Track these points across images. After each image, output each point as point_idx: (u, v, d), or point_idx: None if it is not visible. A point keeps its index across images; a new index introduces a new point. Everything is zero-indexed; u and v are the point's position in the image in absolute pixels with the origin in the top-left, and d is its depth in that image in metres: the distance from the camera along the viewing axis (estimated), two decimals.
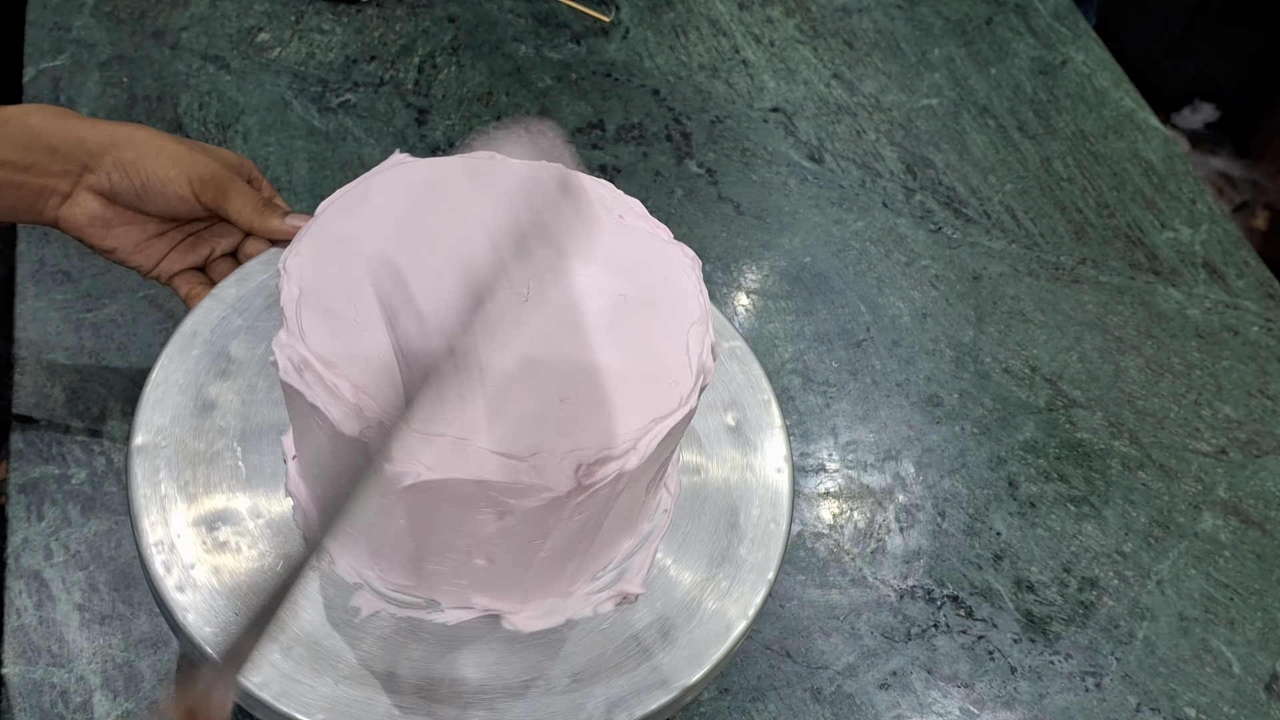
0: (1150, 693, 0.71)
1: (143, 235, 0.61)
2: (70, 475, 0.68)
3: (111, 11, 0.95)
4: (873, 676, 0.69)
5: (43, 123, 0.57)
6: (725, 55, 1.05)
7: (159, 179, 0.57)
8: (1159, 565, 0.77)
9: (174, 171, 0.57)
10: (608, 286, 0.49)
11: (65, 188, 0.58)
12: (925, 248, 0.93)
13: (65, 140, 0.57)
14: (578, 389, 0.45)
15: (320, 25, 0.99)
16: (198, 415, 0.53)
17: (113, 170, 0.58)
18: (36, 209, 0.58)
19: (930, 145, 1.01)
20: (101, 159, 0.57)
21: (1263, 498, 0.82)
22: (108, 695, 0.60)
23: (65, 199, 0.58)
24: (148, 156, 0.57)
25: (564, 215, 0.41)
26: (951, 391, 0.84)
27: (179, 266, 0.63)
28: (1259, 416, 0.87)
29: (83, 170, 0.58)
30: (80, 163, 0.58)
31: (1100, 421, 0.84)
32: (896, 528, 0.76)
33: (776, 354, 0.84)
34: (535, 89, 0.98)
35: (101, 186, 0.58)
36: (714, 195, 0.93)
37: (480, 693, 0.47)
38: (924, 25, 1.12)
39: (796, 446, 0.78)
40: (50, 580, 0.64)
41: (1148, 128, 1.07)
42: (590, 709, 0.47)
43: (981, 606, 0.73)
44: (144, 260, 0.62)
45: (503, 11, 1.04)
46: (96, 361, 0.73)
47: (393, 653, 0.48)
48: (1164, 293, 0.94)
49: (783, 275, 0.89)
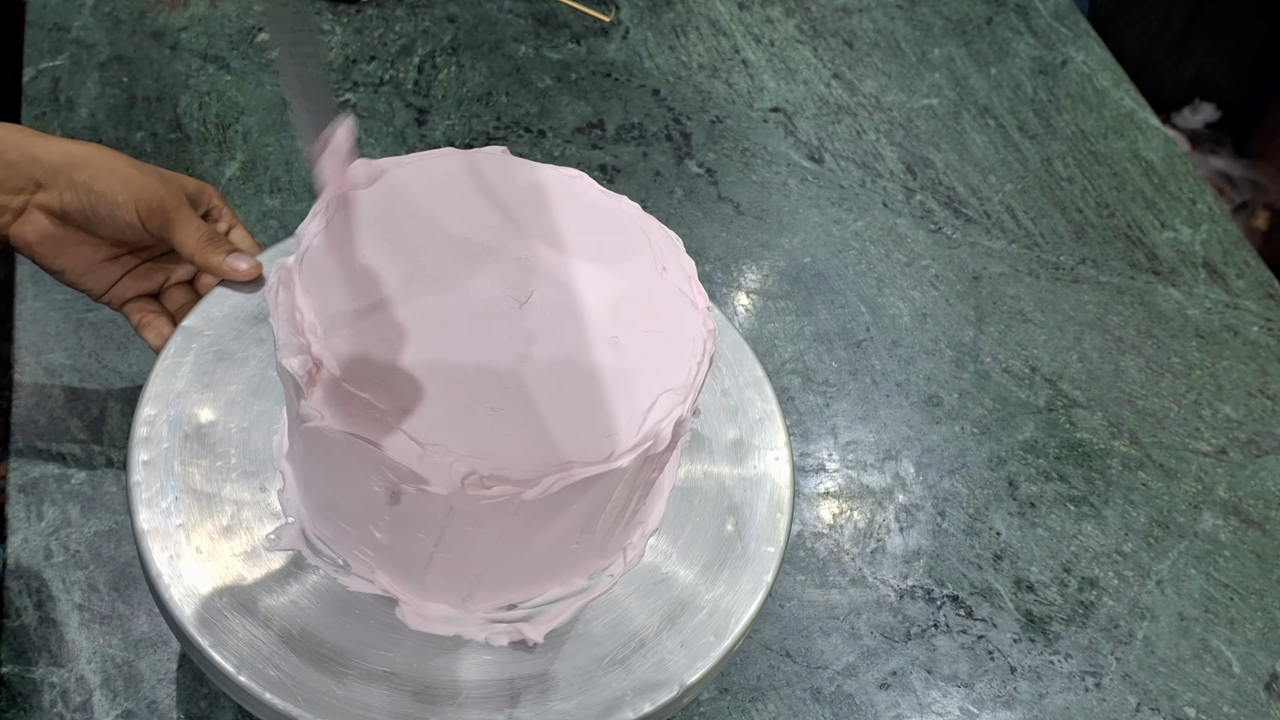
0: (1150, 692, 0.71)
1: (95, 258, 0.60)
2: (70, 475, 0.68)
3: (111, 12, 0.95)
4: (872, 676, 0.69)
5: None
6: (725, 55, 1.05)
7: (107, 202, 0.56)
8: (1159, 565, 0.77)
9: (122, 196, 0.56)
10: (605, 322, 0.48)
11: (17, 205, 0.57)
12: (925, 248, 0.93)
13: (21, 156, 0.56)
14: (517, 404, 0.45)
15: (320, 25, 0.99)
16: (199, 412, 0.53)
17: (65, 190, 0.57)
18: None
19: (930, 145, 1.01)
20: (55, 178, 0.57)
21: (1263, 498, 0.82)
22: (107, 695, 0.60)
23: (17, 215, 0.58)
24: (99, 178, 0.56)
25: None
26: (951, 391, 0.84)
27: (131, 293, 0.62)
28: (1259, 416, 0.87)
29: (36, 187, 0.57)
30: (33, 179, 0.57)
31: (1100, 421, 0.84)
32: (896, 528, 0.76)
33: (776, 354, 0.84)
34: (535, 89, 0.98)
35: (53, 205, 0.57)
36: (714, 195, 0.93)
37: (477, 692, 0.47)
38: (924, 25, 1.12)
39: (796, 446, 0.78)
40: (50, 580, 0.64)
41: (1148, 128, 1.07)
42: (590, 709, 0.47)
43: (981, 606, 0.73)
44: (95, 284, 0.61)
45: (503, 11, 1.04)
46: (96, 361, 0.73)
47: (386, 652, 0.48)
48: (1164, 293, 0.94)
49: (782, 275, 0.89)
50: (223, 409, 0.53)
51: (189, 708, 0.61)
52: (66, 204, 0.57)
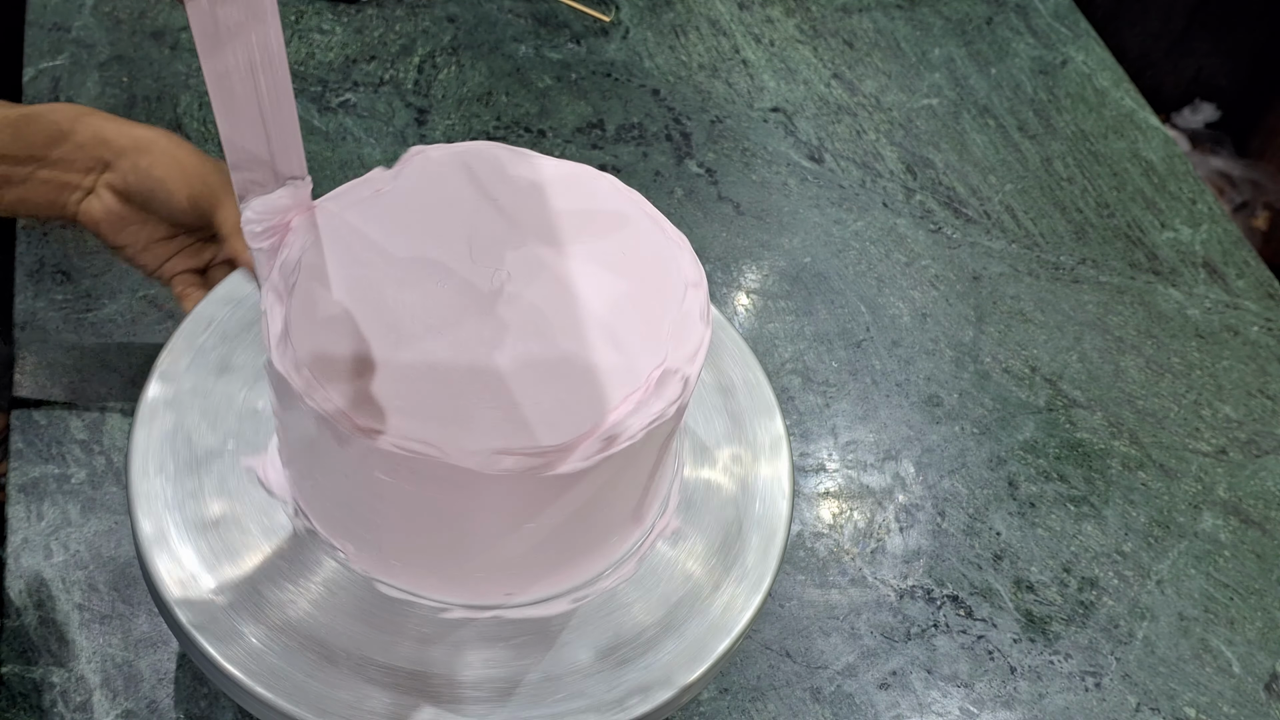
0: (1150, 692, 0.71)
1: (152, 236, 0.63)
2: (70, 475, 0.68)
3: (111, 11, 0.95)
4: (872, 676, 0.69)
5: (69, 118, 0.59)
6: (725, 55, 1.05)
7: (165, 188, 0.59)
8: (1159, 565, 0.77)
9: (178, 183, 0.59)
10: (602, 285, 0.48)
11: (88, 183, 0.60)
12: (925, 248, 0.93)
13: (91, 138, 0.59)
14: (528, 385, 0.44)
15: (320, 25, 0.99)
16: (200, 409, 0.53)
17: (129, 172, 0.59)
18: (59, 203, 0.60)
19: (930, 145, 1.01)
20: (121, 160, 0.59)
21: (1263, 498, 0.82)
22: (107, 695, 0.60)
23: (87, 194, 0.60)
24: (159, 164, 0.59)
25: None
26: (951, 391, 0.84)
27: (180, 268, 0.65)
28: (1259, 416, 0.87)
29: (104, 167, 0.60)
30: (102, 160, 0.60)
31: (1100, 421, 0.84)
32: (896, 528, 0.76)
33: (776, 354, 0.84)
34: (535, 89, 0.98)
35: (118, 185, 0.60)
36: (714, 195, 0.93)
37: (475, 689, 0.47)
38: (924, 25, 1.12)
39: (796, 446, 0.78)
40: (50, 580, 0.64)
41: (1148, 128, 1.07)
42: (589, 708, 0.47)
43: (981, 606, 0.73)
44: (150, 260, 0.64)
45: (503, 11, 1.04)
46: (96, 362, 0.73)
47: (386, 651, 0.48)
48: (1164, 293, 0.94)
49: (782, 275, 0.89)
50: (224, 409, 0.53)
51: (189, 708, 0.61)
52: (130, 185, 0.60)
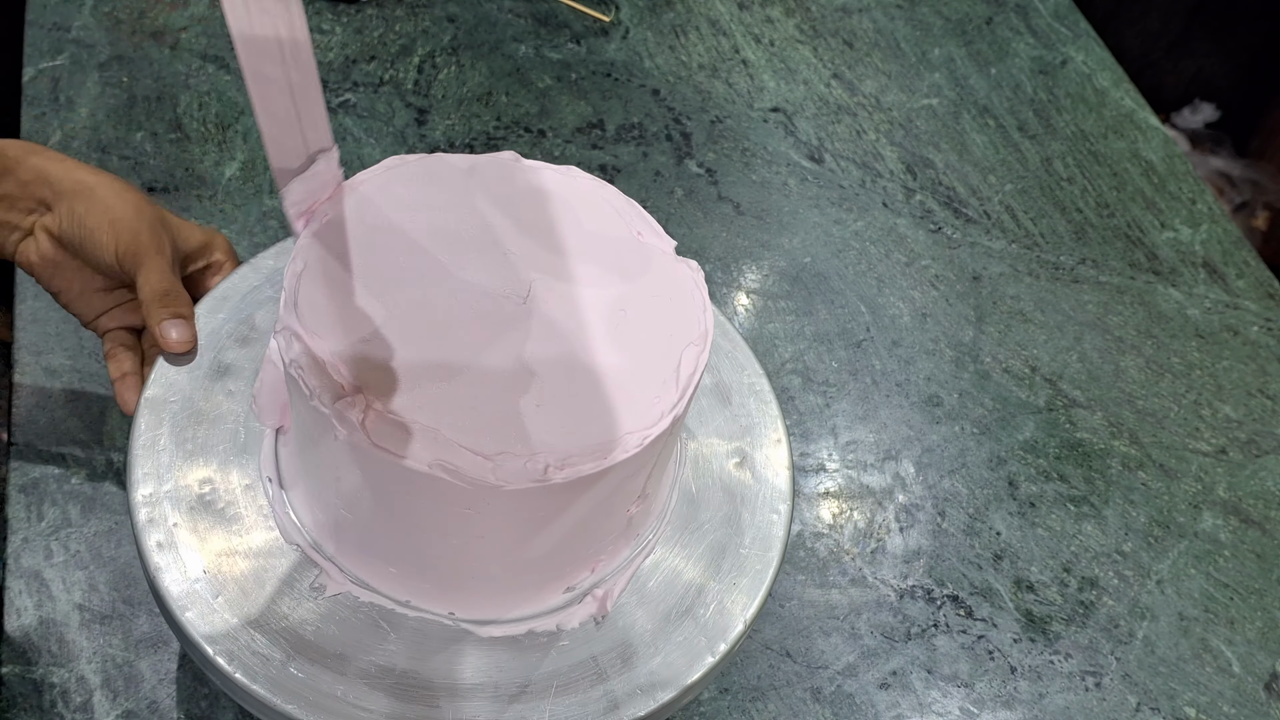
0: (1150, 692, 0.71)
1: (88, 285, 0.60)
2: (70, 475, 0.68)
3: (111, 11, 0.95)
4: (873, 676, 0.69)
5: (15, 156, 0.57)
6: (725, 55, 1.05)
7: (94, 238, 0.56)
8: (1159, 565, 0.77)
9: (106, 235, 0.56)
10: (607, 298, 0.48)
11: (27, 224, 0.58)
12: (925, 248, 0.93)
13: (35, 176, 0.57)
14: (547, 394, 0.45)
15: (320, 25, 0.99)
16: (200, 409, 0.53)
17: (65, 216, 0.57)
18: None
19: (930, 145, 1.01)
20: (59, 201, 0.57)
21: (1263, 498, 0.82)
22: (107, 695, 0.60)
23: (25, 235, 0.58)
24: (92, 213, 0.56)
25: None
26: (951, 391, 0.84)
27: (114, 324, 0.61)
28: (1259, 416, 0.87)
29: (44, 209, 0.57)
30: (43, 200, 0.57)
31: (1100, 421, 0.84)
32: (896, 528, 0.76)
33: (776, 354, 0.84)
34: (535, 89, 0.98)
35: (53, 229, 0.57)
36: (714, 195, 0.93)
37: (477, 692, 0.47)
38: (924, 25, 1.12)
39: (796, 446, 0.78)
40: (50, 580, 0.64)
41: (1148, 128, 1.07)
42: (590, 709, 0.47)
43: (981, 606, 0.73)
44: (84, 309, 0.61)
45: (503, 11, 1.04)
46: (96, 361, 0.73)
47: (385, 652, 0.48)
48: (1164, 293, 0.94)
49: (782, 275, 0.89)
50: (225, 409, 0.53)
51: (189, 708, 0.61)
52: (64, 230, 0.57)
